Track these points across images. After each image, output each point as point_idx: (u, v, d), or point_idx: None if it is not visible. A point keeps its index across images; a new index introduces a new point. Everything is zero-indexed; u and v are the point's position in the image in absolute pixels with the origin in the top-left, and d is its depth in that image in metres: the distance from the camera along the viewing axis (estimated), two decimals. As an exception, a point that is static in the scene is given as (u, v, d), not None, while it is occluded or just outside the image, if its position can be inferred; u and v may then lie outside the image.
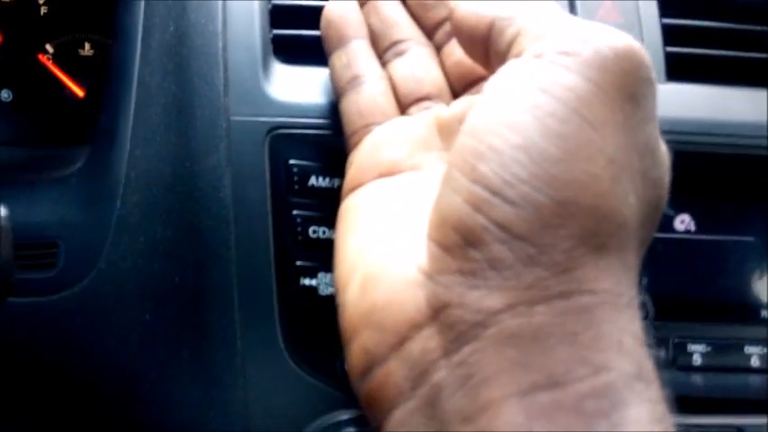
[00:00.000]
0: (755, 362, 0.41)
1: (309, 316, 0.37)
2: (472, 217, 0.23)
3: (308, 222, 0.37)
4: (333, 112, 0.37)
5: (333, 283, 0.35)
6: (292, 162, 0.37)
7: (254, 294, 0.37)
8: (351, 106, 0.34)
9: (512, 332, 0.22)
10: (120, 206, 0.37)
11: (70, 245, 0.37)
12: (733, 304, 0.41)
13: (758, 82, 0.43)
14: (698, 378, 0.41)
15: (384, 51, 0.35)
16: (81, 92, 0.47)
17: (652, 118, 0.25)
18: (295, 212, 0.37)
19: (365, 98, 0.34)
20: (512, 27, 0.27)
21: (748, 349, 0.41)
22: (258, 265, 0.37)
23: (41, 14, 0.47)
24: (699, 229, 0.41)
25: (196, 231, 0.37)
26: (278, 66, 0.40)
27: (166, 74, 0.38)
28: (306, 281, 0.37)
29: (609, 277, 0.22)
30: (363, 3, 0.36)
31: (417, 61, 0.34)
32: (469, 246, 0.23)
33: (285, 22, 0.40)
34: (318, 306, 0.37)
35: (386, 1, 0.36)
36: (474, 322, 0.22)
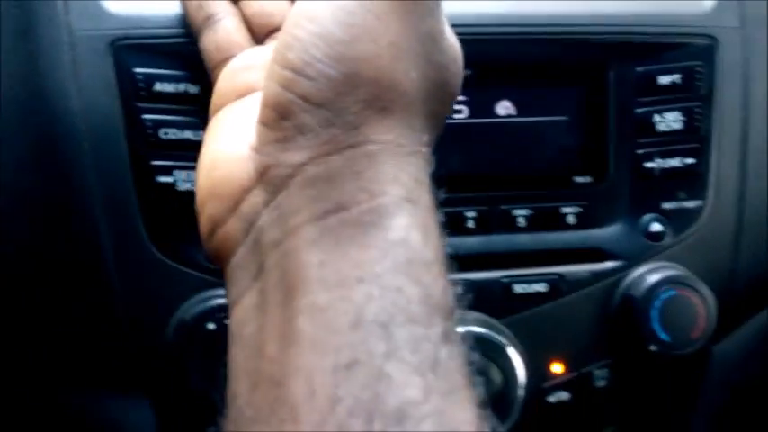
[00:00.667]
0: (570, 220, 0.48)
1: (170, 211, 0.41)
2: (283, 95, 0.28)
3: (159, 125, 0.40)
4: (172, 23, 0.40)
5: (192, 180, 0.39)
6: (137, 70, 0.40)
7: (114, 195, 0.40)
8: (209, 44, 0.38)
9: (312, 177, 0.27)
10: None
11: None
12: (549, 175, 0.48)
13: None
14: (523, 237, 0.48)
15: None
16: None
17: (433, 13, 0.30)
18: (144, 117, 0.40)
19: (220, 35, 0.38)
20: None
21: (563, 210, 0.48)
22: (116, 169, 0.40)
23: None
24: (519, 113, 0.47)
25: (53, 144, 0.40)
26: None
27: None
28: (162, 178, 0.40)
29: (391, 132, 0.28)
30: None
31: None
32: (282, 118, 0.28)
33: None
34: (177, 201, 0.41)
35: None
36: (285, 175, 0.28)
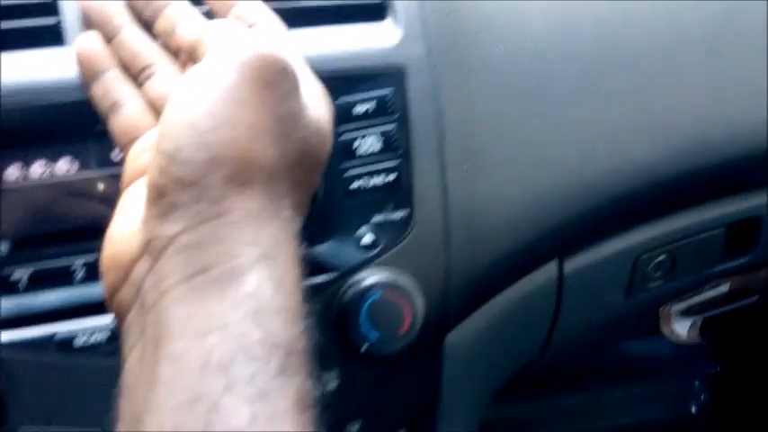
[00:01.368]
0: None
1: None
2: (159, 178, 0.33)
3: None
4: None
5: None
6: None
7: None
8: (116, 128, 0.41)
9: (183, 245, 0.32)
10: None
11: None
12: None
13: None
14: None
15: (137, 76, 0.42)
16: None
17: (291, 95, 0.35)
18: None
19: (125, 119, 0.41)
20: (202, 44, 0.37)
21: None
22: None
23: None
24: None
25: None
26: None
27: None
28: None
29: (252, 200, 0.33)
30: (110, 39, 0.42)
31: (167, 78, 0.41)
32: (159, 197, 0.33)
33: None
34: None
35: (131, 34, 0.42)
36: (162, 246, 0.33)
